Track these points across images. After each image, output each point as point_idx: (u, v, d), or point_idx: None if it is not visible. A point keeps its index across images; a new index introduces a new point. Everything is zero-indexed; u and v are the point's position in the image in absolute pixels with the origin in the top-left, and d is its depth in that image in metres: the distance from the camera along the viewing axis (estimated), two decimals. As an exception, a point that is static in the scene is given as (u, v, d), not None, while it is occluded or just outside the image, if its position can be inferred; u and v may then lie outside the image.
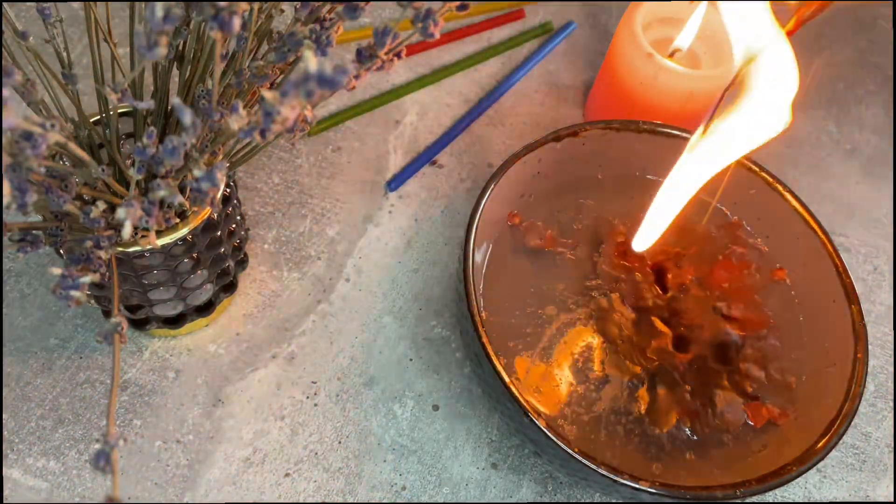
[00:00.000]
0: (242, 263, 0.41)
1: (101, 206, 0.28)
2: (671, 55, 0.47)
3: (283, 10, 0.31)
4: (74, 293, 0.26)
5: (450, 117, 0.51)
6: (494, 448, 0.40)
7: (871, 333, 0.45)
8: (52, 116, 0.29)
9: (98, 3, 0.30)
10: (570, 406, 0.38)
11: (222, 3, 0.21)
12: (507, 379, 0.34)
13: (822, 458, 0.34)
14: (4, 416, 0.38)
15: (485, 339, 0.35)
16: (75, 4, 0.53)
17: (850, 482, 0.42)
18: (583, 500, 0.40)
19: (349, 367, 0.42)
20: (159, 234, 0.32)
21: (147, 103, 0.24)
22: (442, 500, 0.39)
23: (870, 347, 0.38)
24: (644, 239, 0.40)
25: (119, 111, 0.34)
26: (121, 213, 0.24)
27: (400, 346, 0.43)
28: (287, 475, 0.39)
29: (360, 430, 0.40)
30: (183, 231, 0.32)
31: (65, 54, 0.30)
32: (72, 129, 0.32)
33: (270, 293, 0.44)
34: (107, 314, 0.39)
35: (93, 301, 0.38)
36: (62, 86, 0.30)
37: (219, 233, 0.36)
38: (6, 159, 0.22)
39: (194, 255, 0.35)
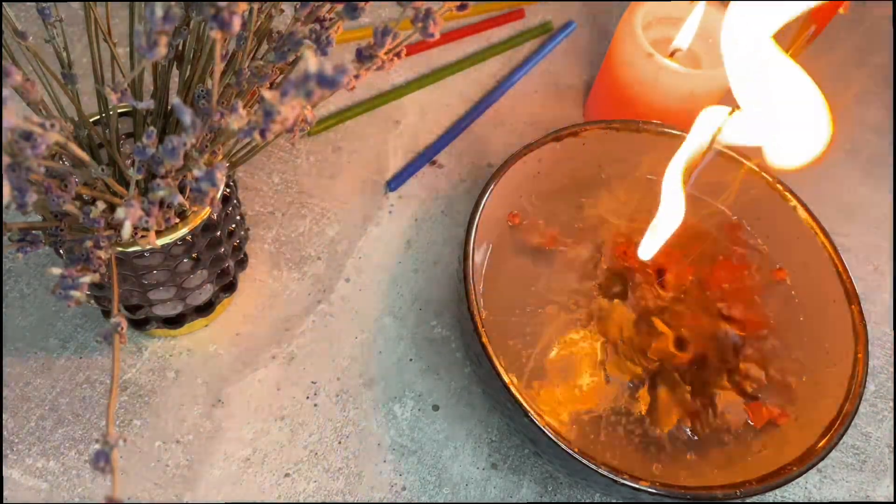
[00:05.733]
0: (242, 263, 0.41)
1: (101, 206, 0.27)
2: (671, 55, 0.47)
3: (283, 10, 0.31)
4: (74, 293, 0.26)
5: (450, 117, 0.51)
6: (494, 448, 0.40)
7: (871, 333, 0.45)
8: (52, 116, 0.29)
9: (98, 3, 0.30)
10: (570, 406, 0.38)
11: (222, 3, 0.21)
12: (507, 379, 0.34)
13: (822, 458, 0.34)
14: (4, 416, 0.38)
15: (485, 339, 0.35)
16: (75, 4, 0.53)
17: (850, 482, 0.42)
18: (583, 500, 0.40)
19: (349, 367, 0.42)
20: (159, 234, 0.32)
21: (147, 103, 0.24)
22: (442, 500, 0.39)
23: (870, 347, 0.38)
24: (649, 247, 0.40)
25: (119, 111, 0.34)
26: (120, 213, 0.24)
27: (400, 346, 0.43)
28: (287, 475, 0.39)
29: (360, 430, 0.40)
30: (183, 231, 0.32)
31: (65, 54, 0.30)
32: (72, 129, 0.32)
33: (270, 293, 0.44)
34: (107, 314, 0.39)
35: (93, 301, 0.38)
36: (62, 86, 0.30)
37: (219, 233, 0.36)
38: (6, 159, 0.22)
39: (194, 255, 0.35)
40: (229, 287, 0.40)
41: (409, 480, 0.39)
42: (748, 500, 0.36)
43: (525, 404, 0.33)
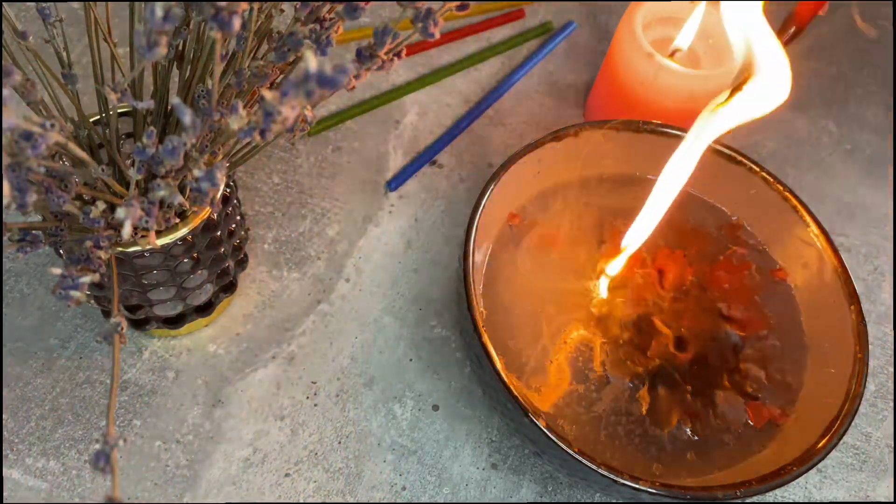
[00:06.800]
0: (242, 263, 0.41)
1: (101, 206, 0.28)
2: (671, 55, 0.47)
3: (283, 10, 0.31)
4: (74, 293, 0.26)
5: (450, 117, 0.51)
6: (494, 448, 0.40)
7: (871, 333, 0.45)
8: (52, 116, 0.29)
9: (98, 3, 0.30)
10: (570, 406, 0.38)
11: (222, 3, 0.21)
12: (507, 379, 0.34)
13: (822, 459, 0.34)
14: (4, 416, 0.38)
15: (485, 339, 0.35)
16: (75, 4, 0.53)
17: (850, 482, 0.42)
18: (583, 501, 0.40)
19: (349, 367, 0.42)
20: (159, 234, 0.32)
21: (147, 103, 0.24)
22: (442, 500, 0.39)
23: (870, 347, 0.38)
24: (635, 237, 0.40)
25: (119, 111, 0.34)
26: (121, 213, 0.24)
27: (400, 346, 0.43)
28: (287, 475, 0.39)
29: (360, 430, 0.40)
30: (183, 231, 0.32)
31: (65, 54, 0.30)
32: (72, 129, 0.32)
33: (270, 293, 0.44)
34: (107, 314, 0.39)
35: (93, 301, 0.38)
36: (62, 86, 0.30)
37: (219, 233, 0.36)
38: (6, 159, 0.22)
39: (194, 255, 0.35)
40: (229, 287, 0.40)
41: (409, 480, 0.39)
42: (748, 500, 0.36)
43: (525, 404, 0.33)
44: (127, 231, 0.24)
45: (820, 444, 0.35)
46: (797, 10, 0.48)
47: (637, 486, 0.33)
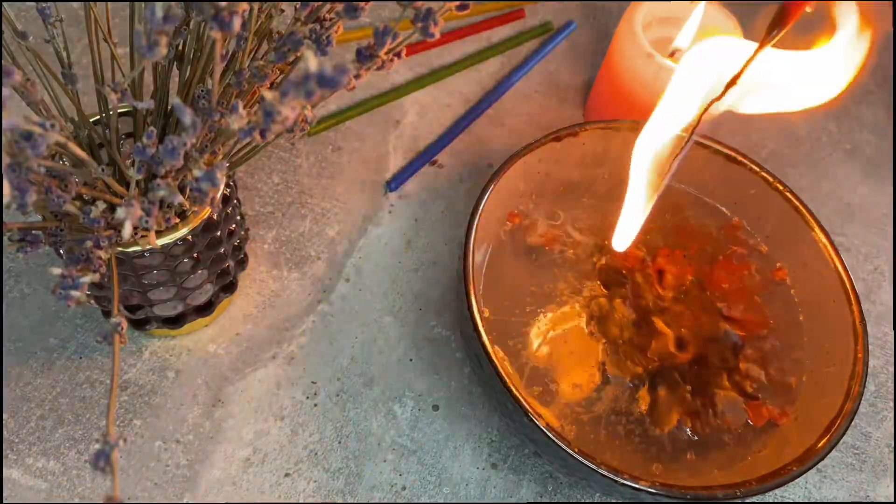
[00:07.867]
0: (242, 263, 0.41)
1: (101, 206, 0.28)
2: (671, 55, 0.47)
3: (283, 10, 0.31)
4: (74, 293, 0.26)
5: (450, 117, 0.51)
6: (494, 448, 0.40)
7: (871, 333, 0.45)
8: (52, 116, 0.29)
9: (98, 2, 0.30)
10: (570, 406, 0.38)
11: (222, 3, 0.21)
12: (507, 379, 0.34)
13: (822, 458, 0.34)
14: (4, 416, 0.38)
15: (485, 340, 0.35)
16: (75, 4, 0.53)
17: (850, 482, 0.42)
18: (583, 500, 0.40)
19: (349, 367, 0.42)
20: (159, 234, 0.32)
21: (147, 103, 0.24)
22: (442, 500, 0.39)
23: (870, 347, 0.38)
24: (623, 238, 0.40)
25: (119, 111, 0.34)
26: (121, 213, 0.24)
27: (400, 346, 0.43)
28: (287, 475, 0.39)
29: (360, 430, 0.40)
30: (183, 231, 0.32)
31: (65, 54, 0.30)
32: (72, 129, 0.32)
33: (270, 293, 0.44)
34: (107, 314, 0.39)
35: (93, 301, 0.38)
36: (62, 86, 0.30)
37: (219, 233, 0.36)
38: (6, 159, 0.22)
39: (194, 255, 0.35)
40: (229, 287, 0.40)
41: (409, 480, 0.39)
42: (748, 500, 0.36)
43: (525, 404, 0.33)
44: (127, 231, 0.24)
45: (820, 444, 0.35)
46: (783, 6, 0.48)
47: (637, 486, 0.33)
